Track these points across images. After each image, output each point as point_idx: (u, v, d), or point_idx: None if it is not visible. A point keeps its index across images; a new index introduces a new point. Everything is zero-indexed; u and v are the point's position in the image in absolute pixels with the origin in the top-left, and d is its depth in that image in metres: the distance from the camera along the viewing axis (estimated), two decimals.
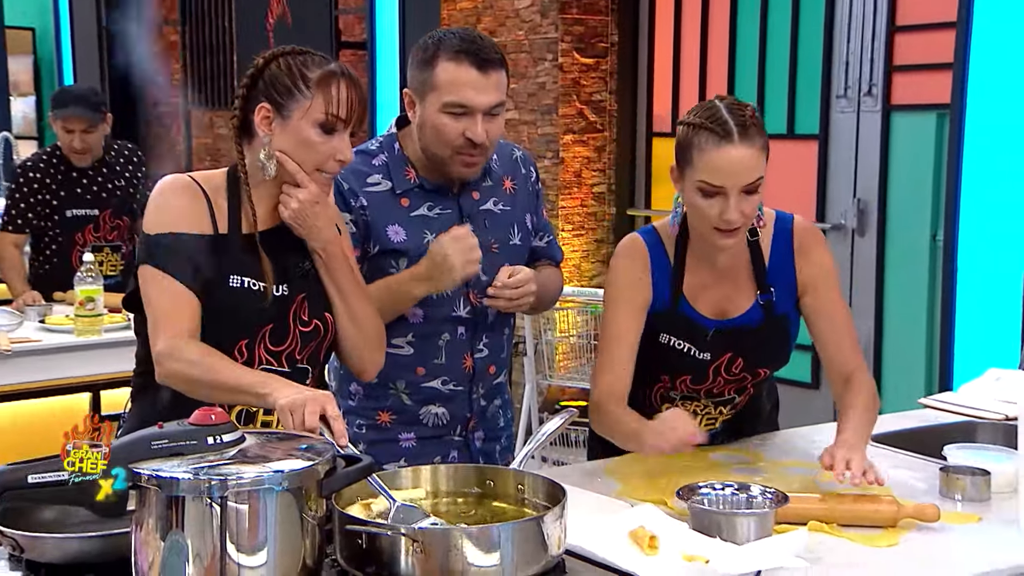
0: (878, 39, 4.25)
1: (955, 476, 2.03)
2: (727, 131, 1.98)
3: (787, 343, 2.22)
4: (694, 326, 2.16)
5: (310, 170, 1.81)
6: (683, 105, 5.05)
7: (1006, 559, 1.76)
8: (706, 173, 2.00)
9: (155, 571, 1.37)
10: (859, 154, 4.36)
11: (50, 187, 4.08)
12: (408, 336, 2.14)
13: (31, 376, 3.52)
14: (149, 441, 1.41)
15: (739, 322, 2.17)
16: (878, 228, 4.30)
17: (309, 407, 1.61)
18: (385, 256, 2.11)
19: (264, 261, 1.82)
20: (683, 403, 2.25)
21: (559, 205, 5.18)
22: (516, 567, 1.43)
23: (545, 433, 1.87)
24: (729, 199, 2.00)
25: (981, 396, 2.58)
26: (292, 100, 1.79)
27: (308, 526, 1.41)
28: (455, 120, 2.04)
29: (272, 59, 1.82)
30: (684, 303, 2.15)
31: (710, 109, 2.03)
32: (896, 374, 4.27)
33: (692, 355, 2.17)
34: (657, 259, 2.16)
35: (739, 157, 1.98)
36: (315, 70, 1.80)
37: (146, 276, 1.80)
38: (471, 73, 2.02)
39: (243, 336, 1.79)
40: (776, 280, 2.17)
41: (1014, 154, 3.77)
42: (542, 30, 5.17)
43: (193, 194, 1.82)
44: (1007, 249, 3.80)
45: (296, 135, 1.79)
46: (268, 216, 1.86)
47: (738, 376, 2.22)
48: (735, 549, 1.64)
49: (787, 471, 2.16)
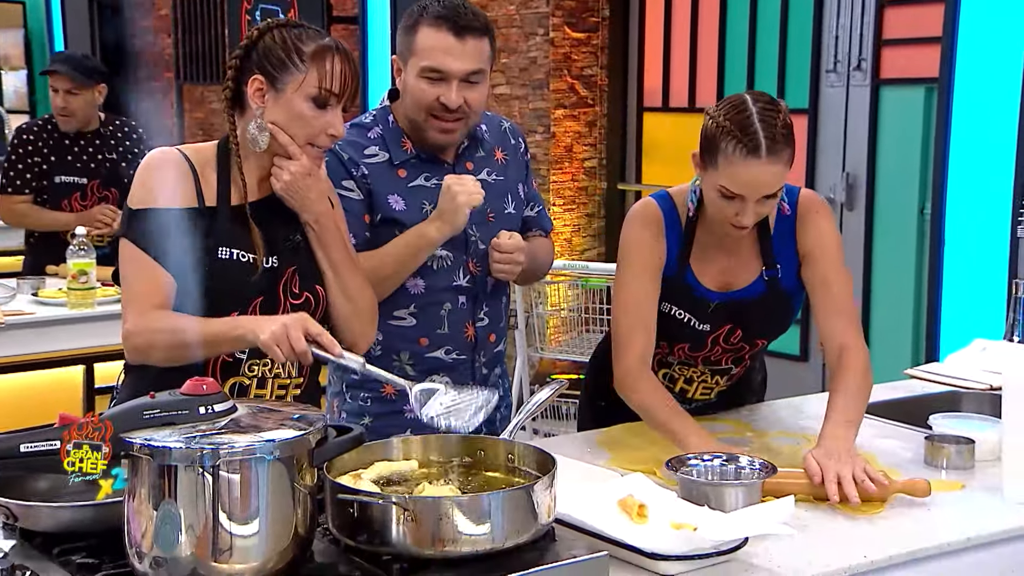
0: (868, 13, 4.23)
1: (940, 445, 2.04)
2: (755, 145, 1.94)
3: (788, 315, 2.23)
4: (697, 298, 2.16)
5: (302, 143, 1.80)
6: (674, 80, 5.04)
7: (989, 525, 1.78)
8: (728, 181, 1.98)
9: (148, 540, 1.37)
10: (848, 128, 4.35)
11: (41, 151, 4.09)
12: (410, 307, 2.15)
13: (25, 349, 3.52)
14: (141, 411, 1.40)
15: (741, 295, 2.16)
16: (867, 201, 4.30)
17: (292, 333, 1.63)
18: (387, 226, 2.12)
19: (254, 232, 1.81)
20: (680, 369, 2.25)
21: (550, 179, 5.16)
22: (506, 535, 1.43)
23: (535, 403, 1.87)
24: (747, 204, 1.99)
25: (966, 366, 2.59)
26: (286, 73, 1.77)
27: (300, 495, 1.41)
28: (432, 85, 2.05)
29: (267, 31, 1.80)
30: (690, 273, 2.16)
31: (742, 112, 1.97)
32: (884, 345, 4.28)
33: (692, 325, 2.17)
34: (670, 224, 2.15)
35: (763, 172, 1.96)
36: (310, 44, 1.78)
37: (124, 251, 1.79)
38: (448, 39, 2.03)
39: (234, 308, 1.78)
40: (781, 253, 2.16)
41: (1001, 128, 3.77)
42: (533, 4, 5.14)
43: (179, 168, 1.80)
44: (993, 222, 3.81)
45: (289, 108, 1.78)
46: (258, 188, 1.85)
47: (736, 346, 2.22)
48: (723, 517, 1.64)
49: (774, 441, 2.18)
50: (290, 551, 1.40)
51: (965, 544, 1.73)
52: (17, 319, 3.49)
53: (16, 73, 8.52)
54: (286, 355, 1.65)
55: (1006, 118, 3.74)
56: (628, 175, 5.28)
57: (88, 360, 3.64)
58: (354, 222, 2.07)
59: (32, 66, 8.56)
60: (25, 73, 8.55)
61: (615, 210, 5.27)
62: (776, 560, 1.62)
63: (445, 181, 2.09)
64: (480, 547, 1.42)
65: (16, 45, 8.50)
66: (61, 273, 3.84)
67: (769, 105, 2.00)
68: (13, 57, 8.49)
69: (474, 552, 1.42)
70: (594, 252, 5.30)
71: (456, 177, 2.09)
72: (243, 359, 1.82)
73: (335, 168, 2.08)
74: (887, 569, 1.66)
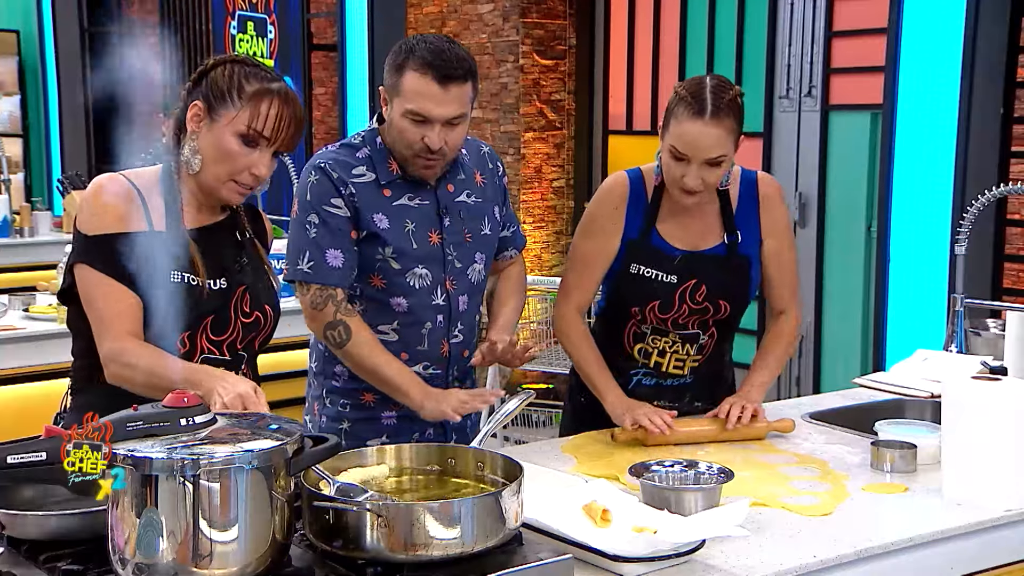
0: (817, 43, 4.28)
1: (885, 450, 2.05)
2: (701, 108, 2.09)
3: (747, 282, 2.30)
4: (662, 255, 2.25)
5: (224, 178, 1.77)
6: (637, 104, 5.06)
7: (930, 524, 1.79)
8: (675, 140, 2.12)
9: (131, 547, 1.35)
10: (800, 151, 4.39)
11: None
12: (394, 324, 2.14)
13: (16, 362, 3.47)
14: (125, 423, 1.39)
15: (704, 252, 2.26)
16: (818, 220, 4.34)
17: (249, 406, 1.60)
18: (371, 242, 2.10)
19: (195, 256, 1.77)
20: (654, 339, 2.28)
21: (521, 199, 5.17)
22: (476, 540, 1.42)
23: (505, 413, 1.87)
24: (691, 166, 2.11)
25: (909, 375, 2.61)
26: (223, 106, 1.75)
27: (277, 503, 1.40)
28: (415, 126, 2.04)
29: (219, 64, 1.79)
30: (656, 235, 2.26)
31: (698, 84, 2.14)
32: (834, 356, 4.31)
33: (659, 280, 2.24)
34: (636, 193, 2.27)
35: (705, 133, 2.09)
36: (254, 84, 1.76)
37: (83, 276, 1.75)
38: (432, 87, 2.01)
39: (184, 328, 1.75)
40: (741, 226, 2.27)
41: (940, 151, 3.82)
42: (504, 33, 5.15)
43: (126, 194, 1.76)
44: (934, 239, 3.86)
45: (218, 140, 1.75)
46: (197, 212, 1.82)
47: (701, 305, 2.25)
48: (681, 520, 1.64)
49: (729, 446, 2.18)
50: (268, 556, 1.39)
51: (908, 543, 1.74)
52: (8, 334, 3.46)
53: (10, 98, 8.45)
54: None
55: (944, 141, 3.79)
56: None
57: None
58: (341, 237, 2.07)
59: (25, 92, 8.49)
60: (19, 98, 8.48)
61: None
62: (732, 561, 1.62)
63: (450, 408, 2.02)
64: (451, 551, 1.41)
65: (11, 72, 8.43)
66: (51, 289, 3.80)
67: (722, 82, 2.16)
68: (7, 83, 8.42)
69: (445, 556, 1.41)
70: (562, 268, 5.31)
71: (460, 406, 2.02)
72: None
73: (324, 187, 2.08)
74: (836, 567, 1.67)
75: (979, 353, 2.66)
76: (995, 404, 1.85)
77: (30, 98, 8.45)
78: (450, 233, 2.15)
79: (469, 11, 5.28)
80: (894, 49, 3.84)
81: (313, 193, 2.09)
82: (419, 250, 2.12)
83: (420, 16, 5.49)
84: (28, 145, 8.47)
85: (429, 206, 2.14)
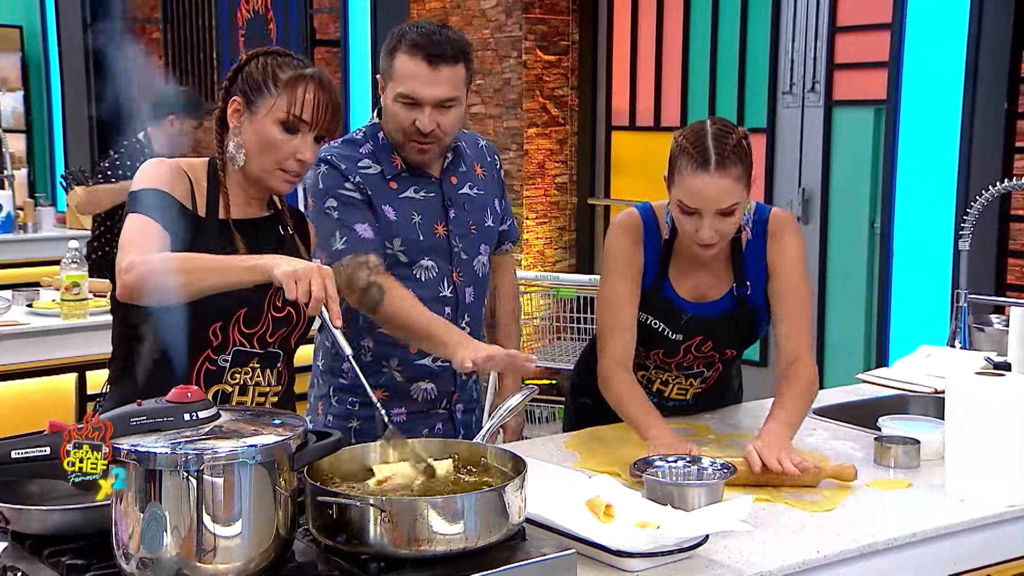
0: (820, 39, 4.27)
1: (888, 445, 2.05)
2: (705, 160, 1.98)
3: (754, 331, 2.25)
4: (672, 308, 2.18)
5: (272, 167, 1.79)
6: (640, 100, 5.06)
7: (933, 520, 1.79)
8: (682, 195, 2.02)
9: (135, 541, 1.35)
10: (803, 147, 4.38)
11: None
12: None
13: (20, 357, 3.50)
14: (128, 418, 1.39)
15: (713, 309, 2.18)
16: (821, 216, 4.34)
17: (315, 280, 1.54)
18: (379, 235, 2.10)
19: (239, 248, 1.79)
20: (656, 372, 2.27)
21: (524, 195, 5.16)
22: (479, 535, 1.42)
23: (508, 408, 1.87)
24: (703, 219, 2.02)
25: (913, 371, 2.61)
26: (260, 97, 1.78)
27: (281, 498, 1.40)
28: (406, 110, 2.05)
29: (253, 57, 1.82)
30: (667, 285, 2.18)
31: (698, 133, 2.02)
32: (837, 351, 4.31)
33: (665, 335, 2.20)
34: (649, 235, 2.18)
35: (713, 185, 1.98)
36: (288, 71, 1.79)
37: (127, 223, 1.75)
38: (421, 67, 2.02)
39: (217, 319, 1.76)
40: (752, 270, 2.17)
41: (944, 146, 3.81)
42: (507, 29, 5.15)
43: (179, 172, 1.80)
44: (938, 235, 3.85)
45: (260, 130, 1.78)
46: (244, 205, 1.84)
47: (707, 354, 2.24)
48: (684, 516, 1.64)
49: (732, 443, 2.18)
50: (272, 551, 1.39)
51: (911, 538, 1.74)
52: (12, 329, 3.47)
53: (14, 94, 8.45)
54: (300, 294, 1.54)
55: (948, 137, 3.78)
56: (597, 190, 5.29)
57: (80, 368, 3.61)
58: (364, 212, 2.07)
59: (29, 88, 8.49)
60: (22, 94, 8.49)
61: (585, 223, 5.29)
62: (735, 556, 1.62)
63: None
64: (454, 546, 1.41)
65: (14, 67, 8.43)
66: (55, 285, 3.81)
67: (724, 127, 2.03)
68: (11, 79, 8.42)
69: (448, 551, 1.41)
70: (565, 264, 5.31)
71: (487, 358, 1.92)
72: (226, 367, 1.80)
73: (334, 176, 2.08)
74: (839, 563, 1.67)
75: (983, 349, 2.66)
76: (999, 400, 1.85)
77: (33, 94, 8.45)
78: (456, 225, 2.15)
79: (472, 6, 5.27)
80: (898, 44, 3.83)
81: (325, 182, 2.10)
82: (426, 242, 2.12)
83: (423, 11, 5.48)
84: (31, 141, 8.47)
85: (435, 198, 2.15)
